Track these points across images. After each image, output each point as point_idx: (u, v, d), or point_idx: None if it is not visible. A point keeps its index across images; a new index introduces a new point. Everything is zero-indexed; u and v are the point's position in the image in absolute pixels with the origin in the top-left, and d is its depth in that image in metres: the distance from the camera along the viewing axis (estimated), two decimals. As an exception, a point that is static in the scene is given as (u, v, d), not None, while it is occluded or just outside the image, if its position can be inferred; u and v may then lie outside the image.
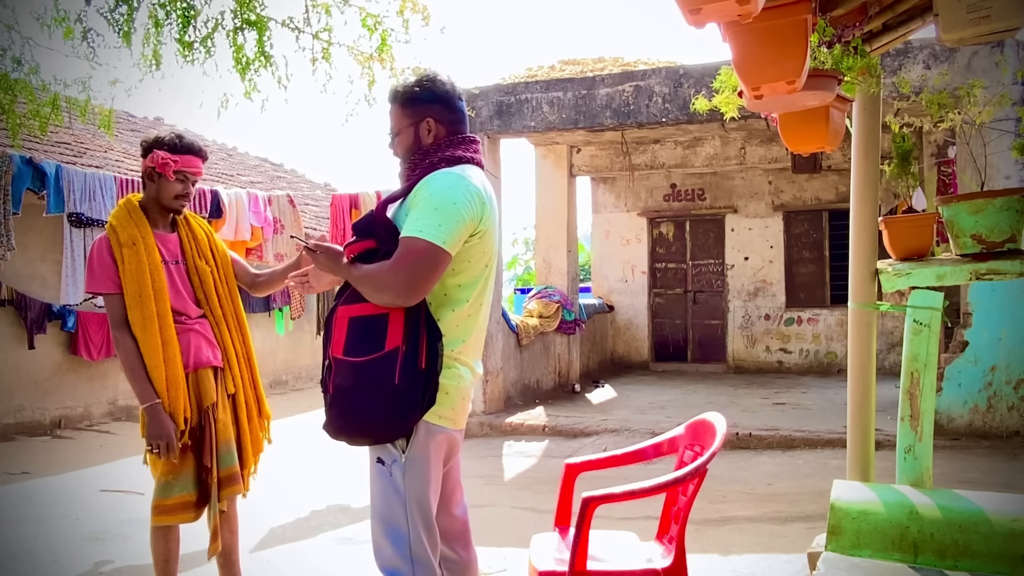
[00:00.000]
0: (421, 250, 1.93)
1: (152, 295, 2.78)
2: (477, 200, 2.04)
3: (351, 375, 1.97)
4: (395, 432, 1.98)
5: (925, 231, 2.84)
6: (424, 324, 1.99)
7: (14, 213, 6.80)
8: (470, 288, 2.09)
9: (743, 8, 1.85)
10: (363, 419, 1.99)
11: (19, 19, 5.13)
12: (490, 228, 2.11)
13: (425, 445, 2.02)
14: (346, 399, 1.99)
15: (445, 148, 2.14)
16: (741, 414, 7.71)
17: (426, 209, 1.97)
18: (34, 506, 5.19)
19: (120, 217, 2.85)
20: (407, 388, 1.94)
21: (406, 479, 2.00)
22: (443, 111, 2.17)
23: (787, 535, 4.25)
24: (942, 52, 6.56)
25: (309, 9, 4.93)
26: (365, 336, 1.98)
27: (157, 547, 2.86)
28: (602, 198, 12.68)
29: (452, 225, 1.96)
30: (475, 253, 2.08)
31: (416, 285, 1.93)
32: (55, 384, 8.30)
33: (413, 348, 1.95)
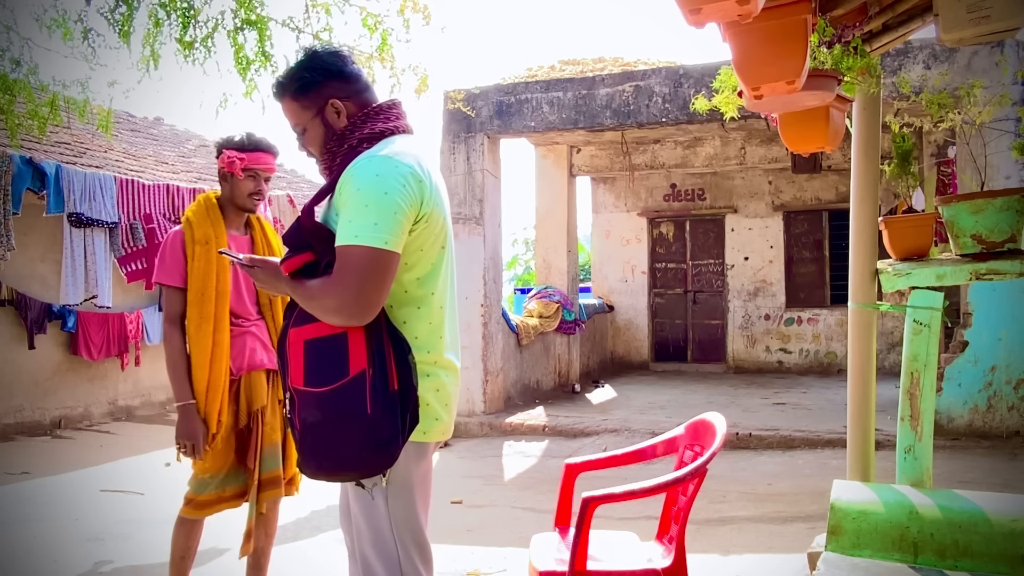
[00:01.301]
0: (363, 258, 1.68)
1: (214, 296, 2.78)
2: (412, 181, 1.76)
3: (317, 408, 1.74)
4: (380, 465, 1.75)
5: (925, 231, 2.84)
6: (388, 337, 1.76)
7: (14, 213, 6.80)
8: (431, 279, 1.86)
9: (743, 8, 1.85)
10: (341, 456, 1.75)
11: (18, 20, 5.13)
12: (435, 207, 1.84)
13: (408, 467, 1.82)
14: (317, 435, 1.75)
15: (362, 125, 1.88)
16: (741, 414, 7.71)
17: (357, 207, 1.71)
18: (34, 506, 5.19)
19: (197, 214, 2.86)
20: (382, 416, 1.71)
21: (390, 503, 1.81)
22: (342, 85, 1.91)
23: (787, 535, 4.25)
24: (942, 52, 6.56)
25: (309, 9, 4.93)
26: (325, 361, 1.74)
27: (178, 540, 2.87)
28: (602, 198, 12.69)
29: (390, 220, 1.70)
30: (426, 239, 1.82)
31: (368, 299, 1.69)
32: (55, 384, 8.30)
33: (381, 369, 1.72)
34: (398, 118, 1.93)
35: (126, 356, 8.79)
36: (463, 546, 4.19)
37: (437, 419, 1.86)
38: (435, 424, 1.86)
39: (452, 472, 6.25)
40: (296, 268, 1.80)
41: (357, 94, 1.92)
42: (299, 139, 1.98)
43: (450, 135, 8.17)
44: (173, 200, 8.55)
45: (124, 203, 8.00)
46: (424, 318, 1.84)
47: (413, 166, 1.78)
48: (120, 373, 8.92)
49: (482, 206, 8.00)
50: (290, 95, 1.93)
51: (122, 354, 8.74)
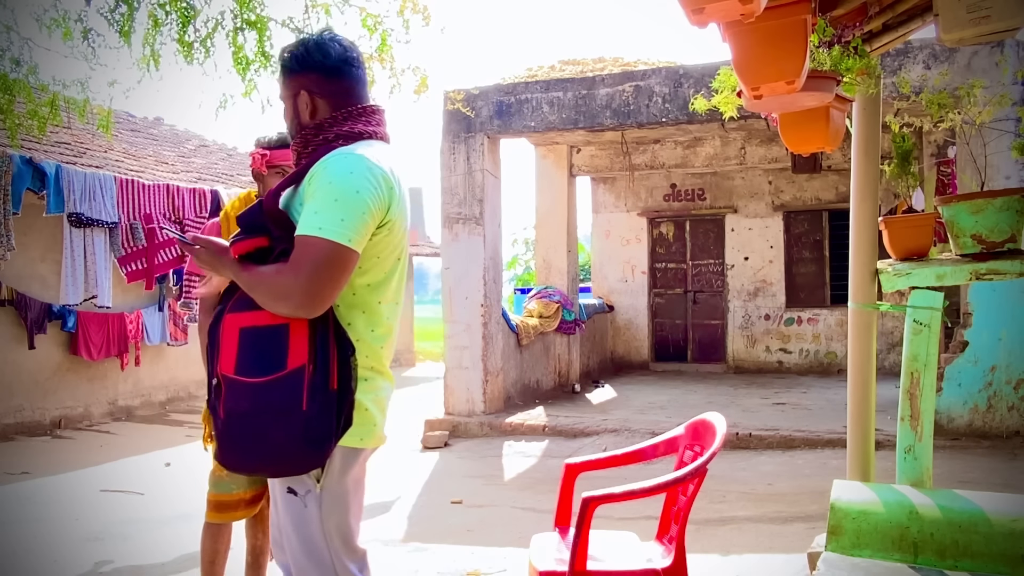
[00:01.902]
0: (323, 251, 1.65)
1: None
2: (384, 186, 1.75)
3: (246, 399, 1.68)
4: (309, 464, 1.71)
5: (925, 231, 2.84)
6: (333, 336, 1.72)
7: (14, 213, 6.81)
8: (382, 287, 1.83)
9: (746, 8, 1.85)
10: (267, 450, 1.69)
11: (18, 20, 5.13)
12: (399, 217, 1.83)
13: (343, 473, 1.78)
14: (244, 427, 1.69)
15: (343, 122, 1.86)
16: (741, 414, 7.71)
17: (325, 200, 1.68)
18: (34, 506, 5.19)
19: (236, 208, 2.89)
20: (318, 415, 1.66)
21: (323, 511, 1.76)
22: (321, 82, 1.87)
23: (787, 535, 4.25)
24: (942, 52, 6.56)
25: (309, 9, 4.93)
26: (261, 351, 1.69)
27: (205, 545, 2.84)
28: (602, 198, 12.69)
29: (357, 219, 1.68)
30: (384, 247, 1.80)
31: (321, 293, 1.65)
32: (55, 384, 8.30)
33: (322, 366, 1.68)
34: (378, 124, 1.92)
35: (126, 356, 8.79)
36: (463, 546, 4.19)
37: (375, 425, 1.81)
38: (372, 430, 1.81)
39: (452, 472, 6.25)
40: (247, 251, 1.76)
41: (333, 95, 1.88)
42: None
43: (450, 135, 8.17)
44: (173, 200, 8.55)
45: (124, 203, 8.00)
46: (368, 324, 1.81)
47: (386, 171, 1.78)
48: (120, 373, 8.92)
49: (482, 206, 8.00)
50: (280, 71, 1.95)
51: (122, 354, 8.74)
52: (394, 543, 4.31)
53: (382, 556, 4.05)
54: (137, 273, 8.35)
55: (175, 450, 7.13)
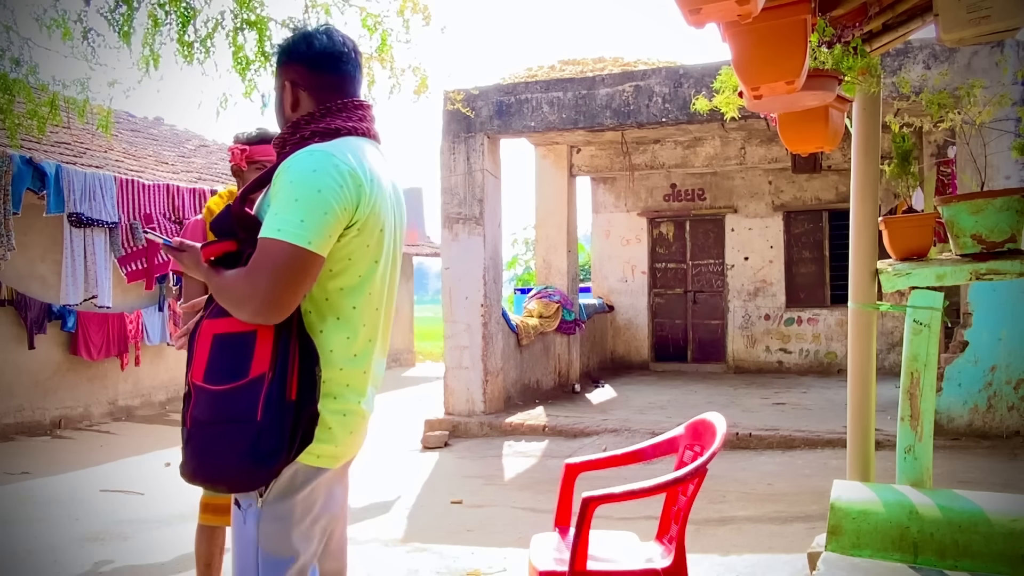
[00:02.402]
0: (280, 255, 1.56)
1: None
2: (350, 182, 1.64)
3: (208, 406, 1.61)
4: (254, 480, 1.60)
5: (925, 231, 2.84)
6: (296, 343, 1.63)
7: (14, 213, 6.81)
8: (357, 292, 1.71)
9: (743, 8, 1.85)
10: (219, 462, 1.59)
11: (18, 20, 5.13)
12: (374, 216, 1.70)
13: (290, 492, 1.64)
14: (203, 435, 1.61)
15: (320, 119, 1.75)
16: (741, 414, 7.71)
17: (286, 201, 1.60)
18: (34, 506, 5.19)
19: (218, 204, 2.89)
20: (270, 426, 1.56)
21: (260, 531, 1.64)
22: (306, 74, 1.79)
23: (787, 535, 4.25)
24: (942, 52, 6.56)
25: (309, 9, 4.93)
26: (227, 359, 1.62)
27: (199, 548, 2.84)
28: (602, 198, 12.69)
29: (318, 219, 1.58)
30: (355, 248, 1.68)
31: (278, 299, 1.57)
32: (55, 384, 8.30)
33: (280, 375, 1.58)
34: (362, 120, 1.80)
35: (126, 356, 8.79)
36: (463, 546, 4.19)
37: (335, 445, 1.68)
38: (330, 450, 1.68)
39: (452, 472, 6.25)
40: (216, 255, 1.69)
41: (317, 88, 1.79)
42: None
43: (450, 135, 8.17)
44: (173, 200, 8.56)
45: (124, 203, 8.00)
46: (342, 331, 1.69)
47: (354, 167, 1.66)
48: (120, 373, 8.92)
49: (482, 206, 8.00)
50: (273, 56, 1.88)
51: (122, 354, 8.74)
52: (394, 543, 4.31)
53: (382, 556, 4.05)
54: (137, 273, 8.35)
55: (175, 450, 7.08)
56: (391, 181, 1.84)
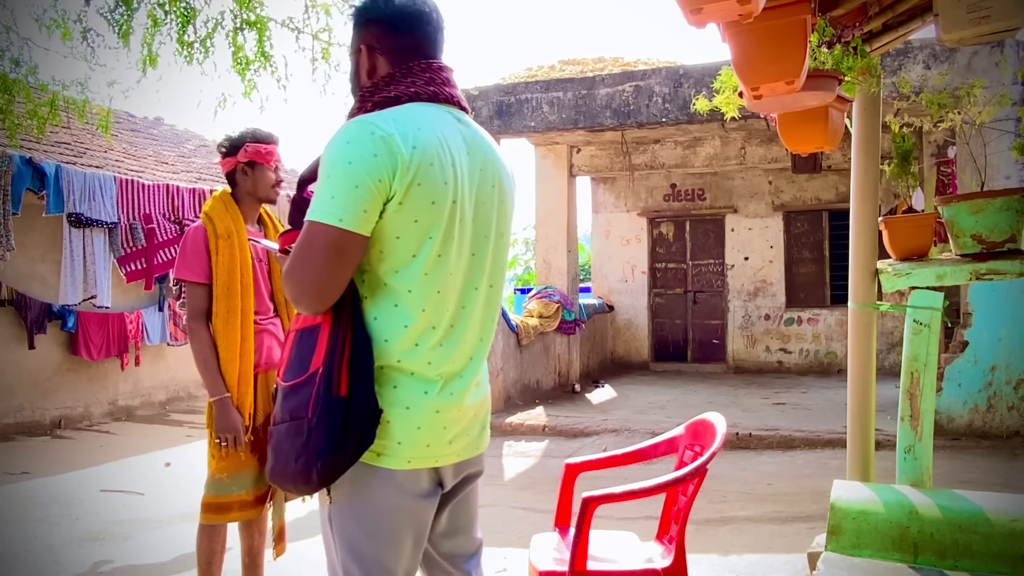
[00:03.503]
0: (313, 237, 1.46)
1: (239, 290, 2.78)
2: (383, 150, 1.46)
3: (280, 404, 1.57)
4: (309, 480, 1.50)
5: (925, 231, 2.84)
6: (350, 333, 1.51)
7: (14, 213, 6.81)
8: (411, 274, 1.53)
9: (744, 8, 1.85)
10: (281, 462, 1.54)
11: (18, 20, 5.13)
12: (419, 187, 1.50)
13: (353, 492, 1.56)
14: (274, 435, 1.57)
15: (384, 87, 1.60)
16: (741, 414, 7.71)
17: (321, 178, 1.49)
18: (34, 506, 5.19)
19: (217, 209, 2.86)
20: (318, 424, 1.47)
21: (335, 531, 1.59)
22: (383, 36, 1.63)
23: (787, 535, 4.25)
24: (942, 52, 6.56)
25: (309, 9, 4.93)
26: (299, 354, 1.56)
27: (201, 547, 2.83)
28: (602, 198, 12.69)
29: (348, 193, 1.45)
30: (402, 224, 1.50)
31: (316, 285, 1.48)
32: (55, 384, 8.30)
33: (329, 369, 1.48)
34: (428, 83, 1.61)
35: (126, 356, 8.79)
36: (463, 546, 4.18)
37: (399, 443, 1.54)
38: (392, 447, 1.54)
39: (452, 472, 6.24)
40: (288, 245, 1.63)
41: (395, 52, 1.62)
42: None
43: (450, 135, 8.16)
44: (173, 200, 8.55)
45: (124, 203, 8.00)
46: (400, 318, 1.54)
47: (391, 133, 1.48)
48: (120, 373, 8.92)
49: (482, 206, 7.99)
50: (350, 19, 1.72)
51: (122, 354, 8.74)
52: (394, 543, 4.30)
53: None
54: (136, 273, 8.34)
55: (175, 450, 7.13)
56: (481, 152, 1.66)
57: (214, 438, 2.76)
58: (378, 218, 1.49)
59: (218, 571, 2.87)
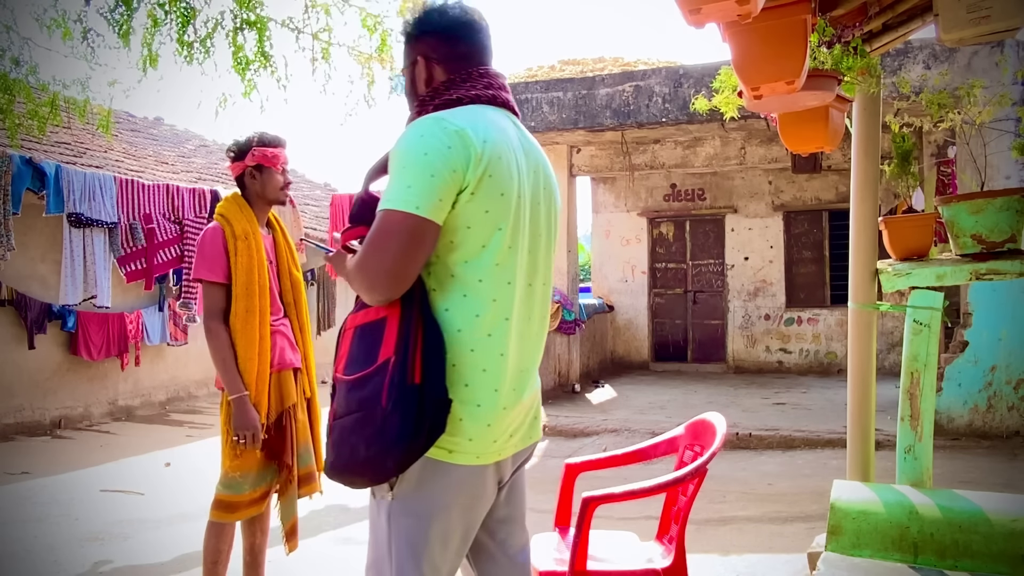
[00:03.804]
0: (389, 224, 1.50)
1: (257, 291, 2.82)
2: (458, 142, 1.53)
3: (343, 397, 1.57)
4: (383, 470, 1.51)
5: (925, 231, 2.84)
6: (421, 323, 1.53)
7: (14, 213, 6.80)
8: (482, 265, 1.57)
9: (743, 8, 1.85)
10: (349, 454, 1.53)
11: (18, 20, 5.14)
12: (490, 179, 1.56)
13: (420, 486, 1.57)
14: (338, 428, 1.57)
15: (444, 92, 1.68)
16: (741, 414, 7.71)
17: (395, 170, 1.55)
18: (34, 506, 5.19)
19: (232, 211, 2.89)
20: (392, 412, 1.48)
21: (392, 525, 1.59)
22: (438, 46, 1.72)
23: (787, 535, 4.25)
24: (942, 52, 6.56)
25: (309, 9, 4.93)
26: (362, 347, 1.57)
27: (209, 545, 2.85)
28: (602, 198, 12.68)
29: (424, 182, 1.50)
30: (473, 214, 1.56)
31: (390, 270, 1.50)
32: (55, 384, 8.30)
33: (403, 358, 1.50)
34: (487, 87, 1.70)
35: (126, 356, 8.78)
36: (463, 546, 4.19)
37: (469, 439, 1.56)
38: (462, 444, 1.56)
39: (452, 472, 6.24)
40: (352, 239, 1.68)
41: (451, 60, 1.71)
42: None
43: (450, 135, 8.16)
44: (173, 200, 8.55)
45: (124, 203, 8.00)
46: (469, 309, 1.57)
47: (463, 127, 1.56)
48: (120, 373, 8.92)
49: (482, 206, 7.99)
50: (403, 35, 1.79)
51: (122, 354, 8.74)
52: (394, 543, 4.30)
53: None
54: (136, 273, 8.34)
55: (175, 450, 7.13)
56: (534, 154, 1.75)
57: (231, 436, 2.77)
58: (450, 208, 1.54)
59: (223, 571, 2.87)
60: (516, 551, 1.82)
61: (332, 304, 11.84)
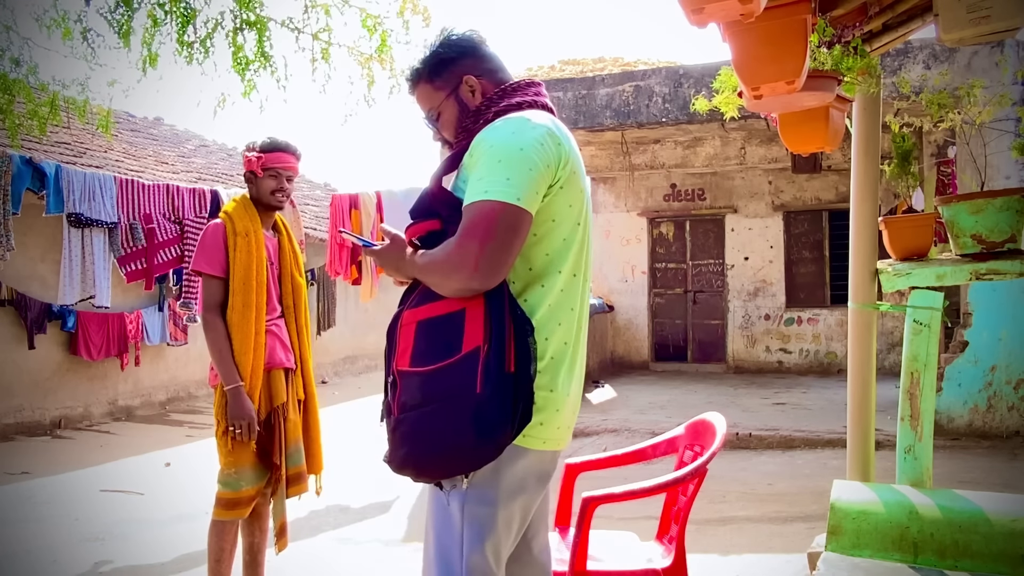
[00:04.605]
0: (491, 213, 1.51)
1: (255, 287, 2.88)
2: (549, 140, 1.62)
3: (419, 389, 1.55)
4: (479, 458, 1.51)
5: (925, 231, 2.84)
6: (509, 313, 1.55)
7: (14, 213, 6.80)
8: (562, 257, 1.65)
9: (745, 8, 1.85)
10: (436, 444, 1.52)
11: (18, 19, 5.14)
12: (574, 174, 1.67)
13: (497, 471, 1.57)
14: (414, 421, 1.54)
15: (499, 100, 1.76)
16: (741, 414, 7.71)
17: (488, 164, 1.56)
18: (34, 506, 5.19)
19: (236, 209, 2.97)
20: (491, 398, 1.48)
21: (465, 514, 1.57)
22: (477, 63, 1.81)
23: (787, 535, 4.25)
24: (942, 52, 6.56)
25: (309, 9, 4.93)
26: (437, 340, 1.56)
27: (212, 543, 2.87)
28: (602, 198, 12.69)
29: (524, 175, 1.55)
30: (559, 208, 1.64)
31: (493, 259, 1.51)
32: (55, 384, 8.30)
33: (498, 345, 1.51)
34: (537, 95, 1.80)
35: (126, 356, 8.78)
36: (463, 546, 4.18)
37: (542, 424, 1.60)
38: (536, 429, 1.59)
39: (452, 472, 6.24)
40: (420, 235, 1.67)
41: (491, 73, 1.82)
42: (433, 126, 1.87)
43: (450, 135, 8.16)
44: (173, 200, 8.55)
45: (124, 203, 8.00)
46: (545, 299, 1.63)
47: (550, 126, 1.67)
48: (120, 373, 8.92)
49: (482, 206, 7.99)
50: (425, 77, 1.82)
51: (122, 354, 8.74)
52: (394, 543, 4.31)
53: (382, 555, 4.05)
54: (136, 273, 8.34)
55: (175, 450, 7.13)
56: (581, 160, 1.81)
57: (226, 427, 2.79)
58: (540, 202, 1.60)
59: (227, 569, 2.89)
60: (540, 549, 1.84)
61: (332, 304, 11.84)
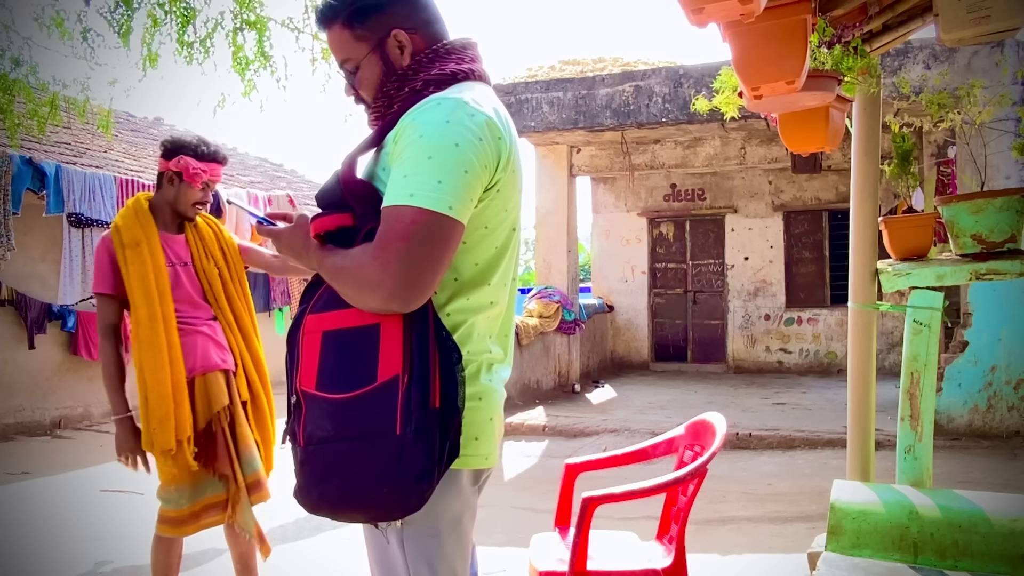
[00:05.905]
0: (418, 224, 1.27)
1: (157, 296, 2.69)
2: (488, 134, 1.36)
3: (329, 419, 1.33)
4: (404, 506, 1.32)
5: (925, 231, 2.84)
6: (434, 336, 1.33)
7: (14, 213, 6.81)
8: (493, 267, 1.43)
9: (745, 8, 1.85)
10: (354, 488, 1.32)
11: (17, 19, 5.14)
12: (514, 173, 1.44)
13: (435, 502, 1.35)
14: (326, 456, 1.34)
15: (429, 64, 1.46)
16: (741, 414, 7.71)
17: (416, 159, 1.31)
18: (34, 506, 5.19)
19: (126, 218, 2.76)
20: (414, 441, 1.28)
21: (408, 552, 1.41)
22: (410, 11, 1.49)
23: (787, 535, 4.25)
24: (942, 52, 6.56)
25: (309, 9, 4.93)
26: (347, 359, 1.33)
27: (156, 559, 2.77)
28: (602, 198, 12.69)
29: (458, 178, 1.30)
30: (493, 214, 1.40)
31: (416, 278, 1.27)
32: (55, 384, 8.30)
33: (421, 377, 1.30)
34: (473, 60, 1.51)
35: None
36: (463, 546, 4.18)
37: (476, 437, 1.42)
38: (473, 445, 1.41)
39: (452, 472, 6.24)
40: (327, 230, 1.40)
41: (426, 25, 1.50)
42: (348, 79, 1.55)
43: (450, 135, 8.16)
44: (173, 200, 8.55)
45: (124, 203, 8.00)
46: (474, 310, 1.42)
47: (491, 116, 1.39)
48: (120, 373, 8.91)
49: (482, 206, 7.99)
50: (342, 20, 1.50)
51: (122, 354, 8.73)
52: (394, 543, 4.30)
53: (382, 556, 4.04)
54: (137, 273, 8.35)
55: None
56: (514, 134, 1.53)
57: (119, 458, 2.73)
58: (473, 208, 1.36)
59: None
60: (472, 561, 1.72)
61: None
